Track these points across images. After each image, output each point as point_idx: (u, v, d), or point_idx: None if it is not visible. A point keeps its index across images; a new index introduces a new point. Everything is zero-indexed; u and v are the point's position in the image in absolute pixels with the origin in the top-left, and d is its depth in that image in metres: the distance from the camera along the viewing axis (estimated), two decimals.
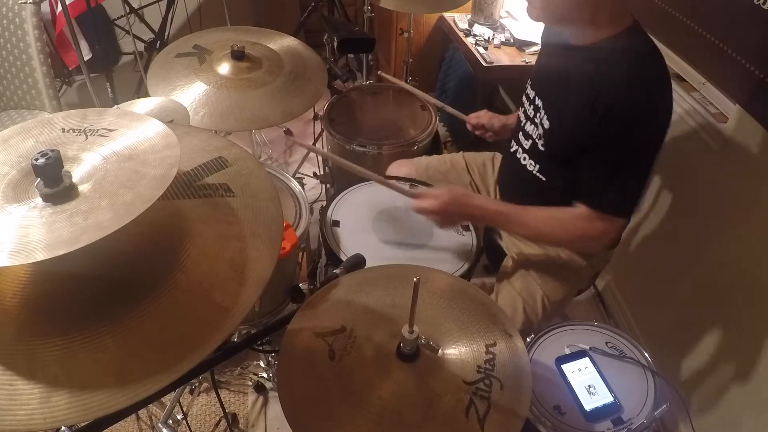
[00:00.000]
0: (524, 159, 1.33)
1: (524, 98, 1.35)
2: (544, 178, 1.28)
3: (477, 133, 1.66)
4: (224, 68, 1.39)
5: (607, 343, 1.22)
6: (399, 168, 1.66)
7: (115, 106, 1.17)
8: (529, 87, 1.33)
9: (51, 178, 0.60)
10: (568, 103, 1.15)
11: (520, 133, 1.34)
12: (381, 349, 0.79)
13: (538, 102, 1.27)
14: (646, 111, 1.05)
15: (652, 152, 1.09)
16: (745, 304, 1.43)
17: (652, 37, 1.13)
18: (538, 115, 1.26)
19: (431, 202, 1.20)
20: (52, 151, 0.60)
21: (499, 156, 1.64)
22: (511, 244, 1.45)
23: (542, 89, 1.28)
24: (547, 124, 1.22)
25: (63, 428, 0.93)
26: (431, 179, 1.58)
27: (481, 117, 1.63)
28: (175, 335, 0.60)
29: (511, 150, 1.39)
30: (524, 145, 1.33)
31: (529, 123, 1.31)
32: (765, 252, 1.35)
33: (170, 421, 1.50)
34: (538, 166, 1.29)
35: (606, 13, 1.09)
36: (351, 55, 3.04)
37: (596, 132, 1.08)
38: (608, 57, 1.08)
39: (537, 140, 1.27)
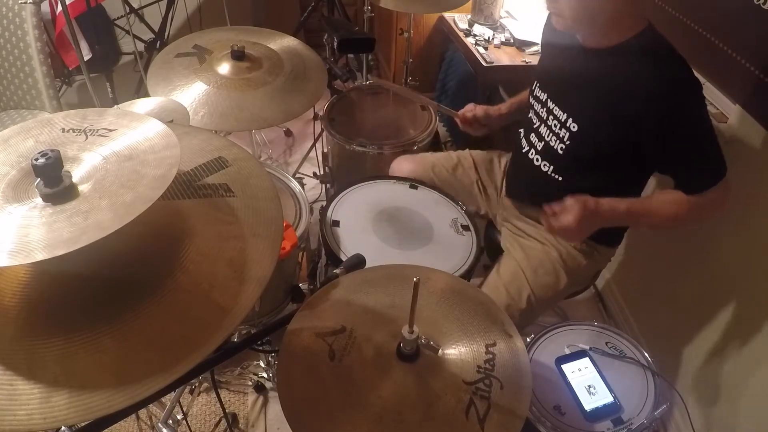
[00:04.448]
0: (537, 160, 1.34)
1: (533, 100, 1.35)
2: (560, 178, 1.30)
3: (471, 131, 1.62)
4: (224, 68, 1.39)
5: (607, 343, 1.23)
6: (402, 164, 1.65)
7: (115, 106, 1.17)
8: (538, 89, 1.33)
9: (51, 178, 0.60)
10: (604, 109, 1.16)
11: (533, 134, 1.35)
12: (381, 349, 0.79)
13: (552, 105, 1.28)
14: (693, 103, 1.08)
15: (709, 121, 1.11)
16: (745, 304, 1.43)
17: None
18: (556, 118, 1.27)
19: (568, 219, 1.13)
20: (52, 151, 0.60)
21: (504, 154, 1.64)
22: (511, 242, 1.46)
23: (558, 92, 1.28)
24: (575, 127, 1.22)
25: (63, 428, 0.93)
26: (438, 177, 1.58)
27: (475, 110, 1.59)
28: (175, 335, 0.60)
29: (523, 150, 1.39)
30: (537, 147, 1.34)
31: (543, 126, 1.31)
32: (765, 251, 1.35)
33: (170, 421, 1.50)
34: (552, 167, 1.30)
35: (630, 15, 1.11)
36: (351, 55, 3.03)
37: (656, 136, 1.11)
38: (638, 60, 1.10)
39: (554, 143, 1.27)
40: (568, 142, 1.25)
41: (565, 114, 1.24)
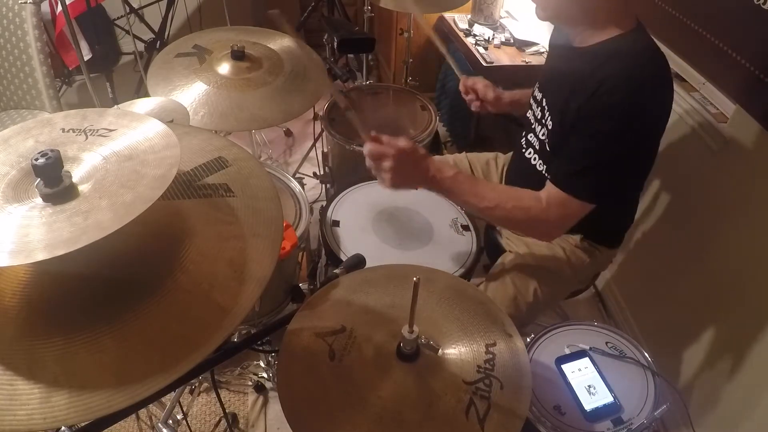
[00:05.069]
0: (534, 159, 1.34)
1: (532, 100, 1.35)
2: None
3: (466, 98, 1.60)
4: (224, 68, 1.39)
5: (607, 343, 1.22)
6: None
7: (115, 106, 1.17)
8: (536, 89, 1.34)
9: (51, 178, 0.60)
10: (569, 105, 1.15)
11: (530, 134, 1.35)
12: (381, 349, 0.79)
13: (545, 103, 1.28)
14: (633, 114, 1.04)
15: (630, 154, 1.08)
16: (744, 304, 1.43)
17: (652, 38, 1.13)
18: (544, 116, 1.27)
19: (386, 148, 1.08)
20: (52, 151, 0.60)
21: (501, 156, 1.64)
22: (513, 240, 1.46)
23: (547, 90, 1.29)
24: (550, 125, 1.23)
25: (63, 428, 0.93)
26: None
27: (477, 82, 1.56)
28: (175, 335, 0.60)
29: (522, 150, 1.39)
30: (534, 146, 1.34)
31: (537, 124, 1.31)
32: (765, 251, 1.35)
33: (170, 421, 1.50)
34: (546, 166, 1.30)
35: (605, 15, 1.10)
36: (351, 55, 3.04)
37: (579, 117, 1.10)
38: (607, 59, 1.08)
39: (544, 141, 1.28)
40: (547, 139, 1.26)
41: (548, 112, 1.25)
